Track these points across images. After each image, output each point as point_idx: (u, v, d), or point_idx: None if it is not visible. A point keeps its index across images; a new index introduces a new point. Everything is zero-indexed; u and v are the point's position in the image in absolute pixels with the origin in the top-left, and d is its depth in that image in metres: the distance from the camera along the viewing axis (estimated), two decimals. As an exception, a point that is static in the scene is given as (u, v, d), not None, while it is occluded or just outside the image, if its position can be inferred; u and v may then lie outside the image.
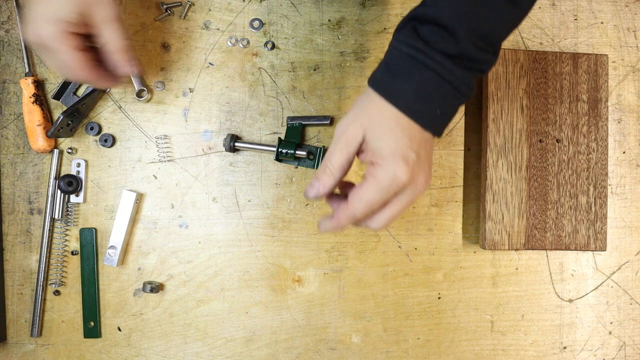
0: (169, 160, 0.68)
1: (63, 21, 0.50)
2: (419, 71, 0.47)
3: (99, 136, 0.69)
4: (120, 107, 0.69)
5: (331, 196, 0.53)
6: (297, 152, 0.66)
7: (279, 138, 0.67)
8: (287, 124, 0.68)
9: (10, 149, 0.69)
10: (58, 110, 0.69)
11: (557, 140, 0.68)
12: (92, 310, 0.68)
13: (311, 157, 0.68)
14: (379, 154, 0.47)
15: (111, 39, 0.53)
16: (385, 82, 0.48)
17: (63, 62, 0.52)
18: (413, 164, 0.47)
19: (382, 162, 0.47)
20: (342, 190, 0.54)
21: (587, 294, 0.72)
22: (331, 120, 0.69)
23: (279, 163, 0.69)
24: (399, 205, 0.49)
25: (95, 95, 0.67)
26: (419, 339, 0.70)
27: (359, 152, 0.49)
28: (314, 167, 0.68)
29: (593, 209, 0.68)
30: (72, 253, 0.69)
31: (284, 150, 0.66)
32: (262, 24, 0.69)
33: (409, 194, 0.48)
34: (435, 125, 0.49)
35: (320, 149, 0.67)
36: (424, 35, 0.47)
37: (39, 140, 0.66)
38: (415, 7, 0.49)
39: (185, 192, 0.69)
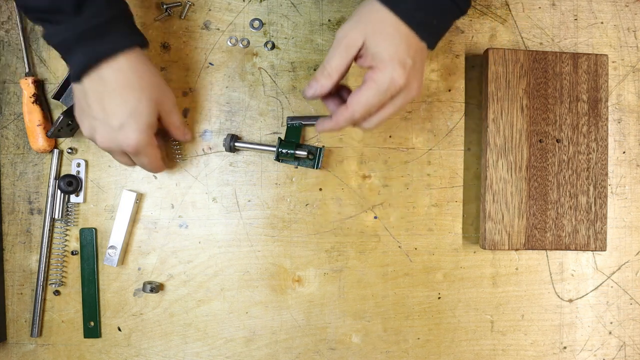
0: (182, 160, 0.68)
1: (150, 127, 0.56)
2: None
3: (99, 136, 0.69)
4: (120, 107, 0.69)
5: (328, 98, 0.56)
6: (297, 152, 0.66)
7: (279, 138, 0.67)
8: (287, 124, 0.68)
9: (10, 149, 0.69)
10: (58, 110, 0.69)
11: (557, 140, 0.68)
12: (92, 310, 0.68)
13: (311, 157, 0.68)
14: (379, 59, 0.49)
15: (176, 120, 0.62)
16: None
17: (146, 162, 0.59)
18: (409, 69, 0.50)
19: (382, 67, 0.49)
20: (337, 92, 0.57)
21: (587, 294, 0.72)
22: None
23: (279, 163, 0.69)
24: (392, 108, 0.52)
25: (95, 95, 0.67)
26: (419, 339, 0.70)
27: (357, 57, 0.52)
28: (314, 167, 0.68)
29: (593, 209, 0.68)
30: (72, 253, 0.69)
31: (284, 150, 0.66)
32: (262, 24, 0.69)
33: (402, 98, 0.52)
34: (431, 35, 0.52)
35: (321, 149, 0.67)
36: None
37: (39, 140, 0.66)
38: None
39: (185, 192, 0.69)
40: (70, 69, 0.54)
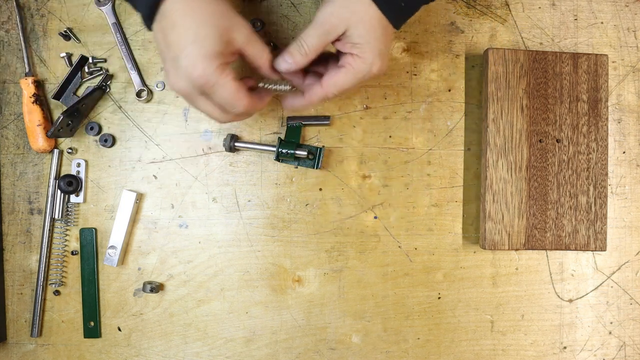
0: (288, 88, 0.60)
1: (217, 55, 0.50)
2: None
3: (99, 136, 0.69)
4: (120, 107, 0.69)
5: (294, 74, 0.57)
6: (297, 152, 0.66)
7: (279, 138, 0.67)
8: (287, 124, 0.68)
9: (10, 149, 0.69)
10: (58, 110, 0.69)
11: (557, 140, 0.68)
12: (92, 310, 0.68)
13: (311, 157, 0.68)
14: (361, 49, 0.52)
15: (258, 54, 0.53)
16: None
17: (226, 97, 0.51)
18: (383, 58, 0.54)
19: (363, 56, 0.52)
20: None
21: (587, 294, 0.72)
22: (331, 121, 0.69)
23: (279, 163, 0.69)
24: (357, 84, 0.55)
25: (95, 95, 0.67)
26: (419, 339, 0.70)
27: (335, 39, 0.54)
28: (314, 167, 0.68)
29: (593, 209, 0.68)
30: (72, 253, 0.69)
31: (284, 150, 0.66)
32: (262, 24, 0.69)
33: (370, 77, 0.55)
34: (398, 16, 0.54)
35: (321, 149, 0.67)
36: None
37: (39, 140, 0.66)
38: None
39: (185, 192, 0.69)
40: (142, 19, 0.52)
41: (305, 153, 0.66)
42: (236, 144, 0.67)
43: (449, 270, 0.71)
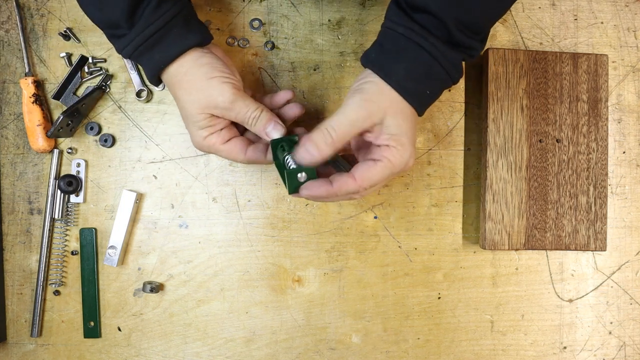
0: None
1: (209, 128, 0.54)
2: (412, 50, 0.49)
3: (99, 136, 0.69)
4: (120, 107, 0.69)
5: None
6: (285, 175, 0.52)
7: (272, 141, 0.55)
8: (272, 140, 0.54)
9: (10, 149, 0.69)
10: (58, 110, 0.69)
11: (557, 140, 0.68)
12: (92, 310, 0.68)
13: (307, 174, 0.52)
14: (398, 140, 0.48)
15: (241, 115, 0.54)
16: (380, 60, 0.49)
17: (226, 157, 0.57)
18: (414, 149, 0.51)
19: (401, 148, 0.48)
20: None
21: (587, 294, 0.72)
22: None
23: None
24: (385, 181, 0.51)
25: (95, 95, 0.67)
26: (419, 339, 0.70)
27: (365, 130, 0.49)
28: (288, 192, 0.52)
29: (593, 209, 0.68)
30: (72, 253, 0.69)
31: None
32: (262, 24, 0.69)
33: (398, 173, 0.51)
34: (422, 105, 0.51)
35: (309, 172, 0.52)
36: (419, 20, 0.49)
37: (39, 140, 0.66)
38: None
39: (185, 192, 0.69)
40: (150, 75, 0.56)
41: (301, 176, 0.51)
42: None
43: (449, 270, 0.71)
